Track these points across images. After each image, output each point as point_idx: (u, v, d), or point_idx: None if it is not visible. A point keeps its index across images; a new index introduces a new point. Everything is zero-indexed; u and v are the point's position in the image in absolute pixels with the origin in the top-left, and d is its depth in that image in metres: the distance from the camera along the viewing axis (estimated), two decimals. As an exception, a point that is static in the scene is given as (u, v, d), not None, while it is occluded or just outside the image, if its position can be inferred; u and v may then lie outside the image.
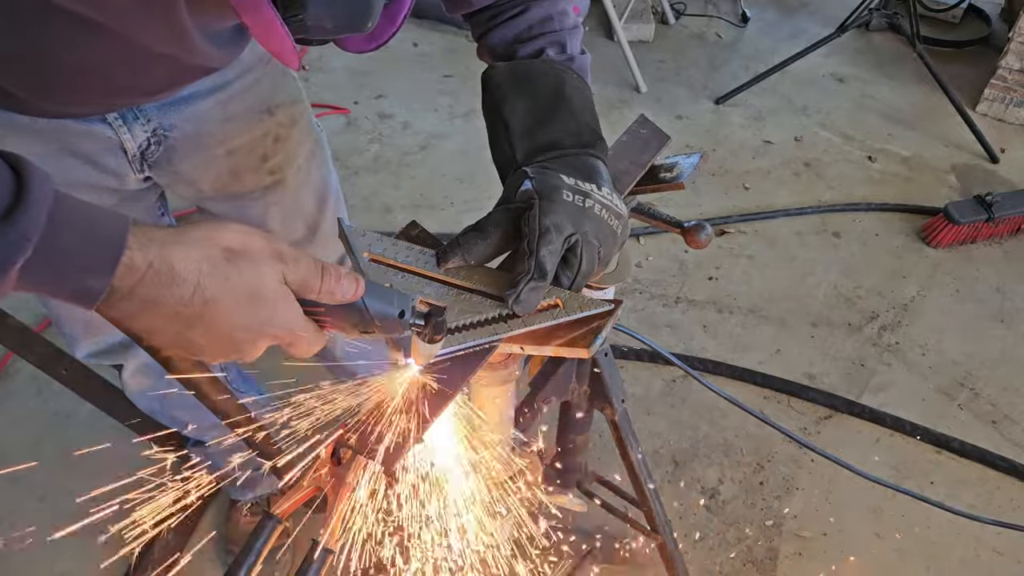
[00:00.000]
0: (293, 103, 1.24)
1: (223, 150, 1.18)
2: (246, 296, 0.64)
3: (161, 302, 0.61)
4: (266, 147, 1.22)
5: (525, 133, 0.91)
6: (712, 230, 1.08)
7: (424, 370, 0.78)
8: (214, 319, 0.63)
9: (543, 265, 0.79)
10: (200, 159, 1.17)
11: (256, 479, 1.83)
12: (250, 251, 0.64)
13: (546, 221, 0.80)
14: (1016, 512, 1.98)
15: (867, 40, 3.85)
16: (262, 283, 0.64)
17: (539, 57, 0.98)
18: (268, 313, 0.65)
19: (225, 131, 1.16)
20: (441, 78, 3.48)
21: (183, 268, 0.61)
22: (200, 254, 0.62)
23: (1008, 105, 3.34)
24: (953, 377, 2.31)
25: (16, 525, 1.89)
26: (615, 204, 0.87)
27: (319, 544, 0.83)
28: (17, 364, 2.19)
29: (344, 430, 0.79)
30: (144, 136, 1.10)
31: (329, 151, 1.38)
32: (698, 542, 1.90)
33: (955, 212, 2.67)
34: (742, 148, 3.16)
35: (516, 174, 0.88)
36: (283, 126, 1.23)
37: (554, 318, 0.82)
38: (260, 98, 1.18)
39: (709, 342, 2.38)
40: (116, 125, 1.06)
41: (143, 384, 1.46)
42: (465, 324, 0.81)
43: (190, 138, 1.14)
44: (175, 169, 1.17)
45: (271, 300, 0.65)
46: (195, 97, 1.11)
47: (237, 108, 1.16)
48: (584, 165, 0.89)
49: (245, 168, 1.21)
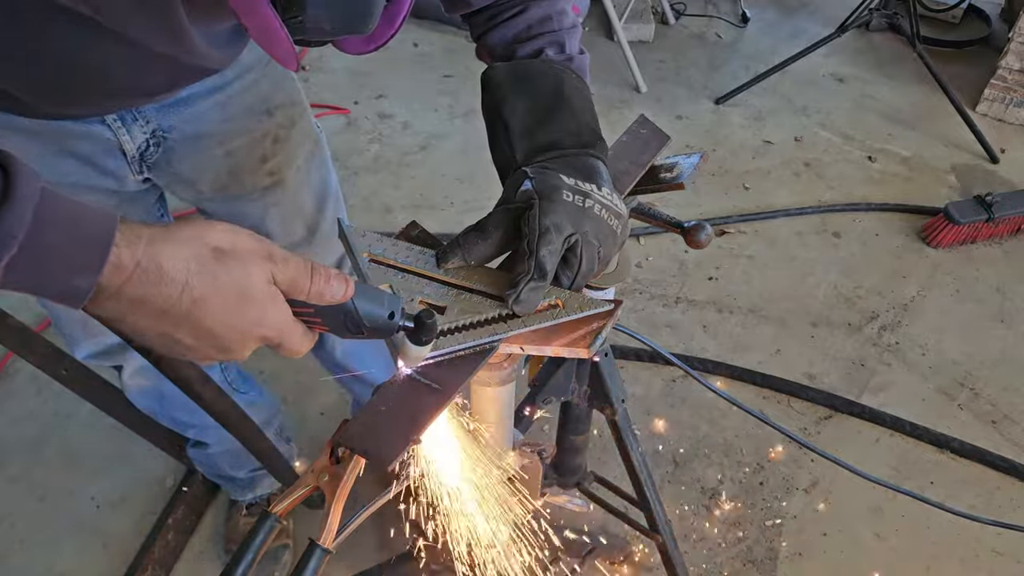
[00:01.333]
0: (292, 104, 1.24)
1: (222, 151, 1.18)
2: (234, 295, 0.63)
3: (149, 301, 0.61)
4: (265, 148, 1.22)
5: (525, 133, 0.91)
6: (712, 230, 1.08)
7: (421, 370, 0.78)
8: (202, 318, 0.63)
9: (543, 265, 0.79)
10: (199, 160, 1.17)
11: (256, 479, 1.84)
12: (239, 250, 0.64)
13: (546, 221, 0.80)
14: (1016, 512, 1.98)
15: (867, 40, 3.85)
16: (250, 282, 0.64)
17: (538, 57, 0.98)
18: (257, 313, 0.65)
19: (224, 132, 1.16)
20: (441, 78, 3.48)
21: (171, 267, 0.60)
22: (189, 252, 0.61)
23: (1008, 105, 3.34)
24: (953, 377, 2.31)
25: (16, 525, 1.89)
26: (615, 204, 0.87)
27: (316, 543, 0.83)
28: (17, 364, 2.19)
29: (343, 427, 0.79)
30: (143, 137, 1.10)
31: (329, 152, 1.38)
32: (698, 542, 1.90)
33: (955, 212, 2.67)
34: (742, 148, 3.16)
35: (516, 174, 0.88)
36: (282, 127, 1.23)
37: (554, 318, 0.82)
38: (259, 99, 1.19)
39: (709, 342, 2.38)
40: (115, 127, 1.06)
41: (142, 385, 1.46)
42: (465, 324, 0.81)
43: (189, 139, 1.14)
44: (174, 170, 1.17)
45: (260, 300, 0.65)
46: (194, 98, 1.11)
47: (236, 109, 1.16)
48: (584, 165, 0.89)
49: (244, 169, 1.21)
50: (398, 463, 0.73)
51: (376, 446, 0.73)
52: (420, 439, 0.74)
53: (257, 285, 0.64)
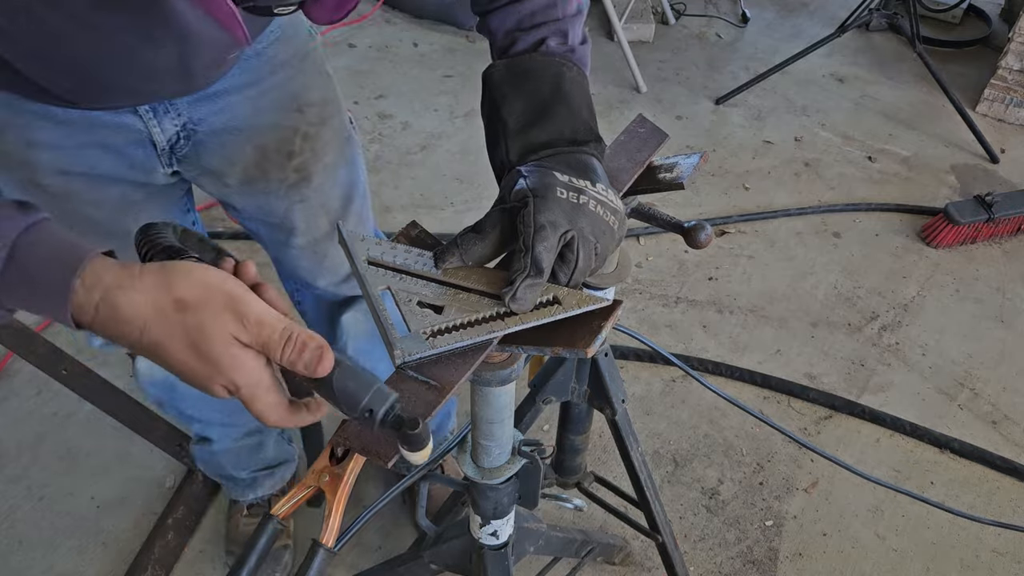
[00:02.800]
0: (325, 103, 1.25)
1: (250, 146, 1.19)
2: (187, 347, 0.65)
3: (116, 336, 0.66)
4: (294, 145, 1.22)
5: (519, 132, 0.91)
6: (712, 230, 1.07)
7: (418, 367, 0.78)
8: (165, 358, 0.67)
9: (539, 262, 0.79)
10: (227, 154, 1.18)
11: (258, 480, 1.84)
12: (202, 305, 0.65)
13: (541, 218, 0.80)
14: (1016, 512, 1.98)
15: (867, 40, 3.85)
16: (204, 338, 0.65)
17: (540, 47, 0.97)
18: (210, 369, 0.66)
19: (253, 127, 1.17)
20: (441, 78, 3.48)
21: (128, 312, 0.64)
22: (147, 299, 0.64)
23: (1008, 105, 3.34)
24: (953, 377, 2.31)
25: (16, 525, 1.89)
26: (611, 200, 0.87)
27: (320, 543, 0.83)
28: (17, 364, 2.19)
29: (342, 426, 0.79)
30: (174, 130, 1.11)
31: (360, 151, 1.38)
32: (698, 542, 1.90)
33: (955, 212, 2.67)
34: (742, 148, 3.16)
35: (511, 174, 0.88)
36: (312, 125, 1.23)
37: (552, 315, 0.82)
38: (291, 96, 1.19)
39: (709, 342, 2.38)
40: (147, 118, 1.07)
41: (155, 375, 1.48)
42: (462, 323, 0.81)
43: (218, 133, 1.15)
44: (203, 164, 1.18)
45: (214, 357, 0.65)
46: (226, 93, 1.12)
47: (267, 105, 1.17)
48: (578, 162, 0.88)
49: (271, 164, 1.22)
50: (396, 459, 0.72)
51: (375, 444, 0.73)
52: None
53: (213, 341, 0.65)
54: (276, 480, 1.87)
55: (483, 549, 1.22)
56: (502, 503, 1.11)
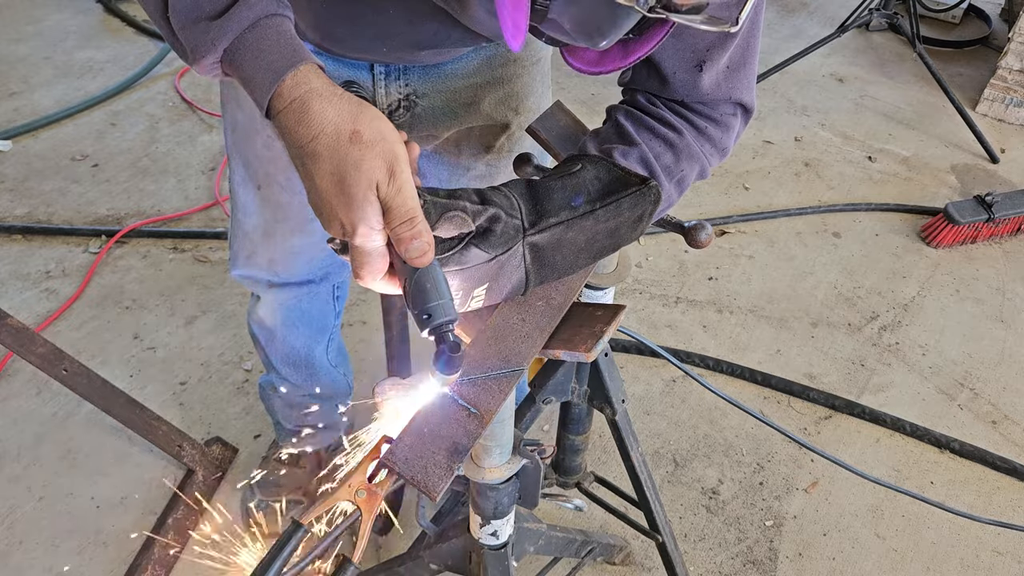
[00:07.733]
0: (538, 111, 1.26)
1: (459, 129, 1.22)
2: (336, 173, 0.70)
3: (291, 133, 0.72)
4: (498, 140, 1.26)
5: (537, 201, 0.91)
6: (712, 230, 1.08)
7: (458, 391, 0.80)
8: (314, 171, 0.71)
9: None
10: (435, 131, 1.22)
11: (301, 433, 1.85)
12: (371, 145, 0.70)
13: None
14: (1016, 512, 1.98)
15: (867, 40, 3.85)
16: (354, 171, 0.69)
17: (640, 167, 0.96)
18: (342, 201, 0.70)
19: (470, 114, 1.20)
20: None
21: (312, 117, 0.70)
22: (333, 115, 0.70)
23: (1008, 105, 3.34)
24: (953, 377, 2.31)
25: (16, 525, 1.89)
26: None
27: (350, 560, 0.83)
28: (17, 364, 2.19)
29: (380, 444, 0.79)
30: (397, 97, 1.14)
31: None
32: (698, 542, 1.90)
33: (955, 212, 2.67)
34: (742, 148, 3.16)
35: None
36: (520, 127, 1.25)
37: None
38: (512, 95, 1.22)
39: (709, 342, 2.38)
40: (378, 78, 1.12)
41: (264, 320, 1.56)
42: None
43: (436, 111, 1.18)
44: (409, 132, 1.20)
45: (351, 191, 0.69)
46: (454, 75, 1.14)
47: (489, 96, 1.19)
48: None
49: (469, 150, 1.26)
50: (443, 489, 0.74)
51: (424, 475, 0.75)
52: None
53: (360, 177, 0.69)
54: (317, 441, 1.89)
55: (483, 549, 1.22)
56: (502, 503, 1.11)
